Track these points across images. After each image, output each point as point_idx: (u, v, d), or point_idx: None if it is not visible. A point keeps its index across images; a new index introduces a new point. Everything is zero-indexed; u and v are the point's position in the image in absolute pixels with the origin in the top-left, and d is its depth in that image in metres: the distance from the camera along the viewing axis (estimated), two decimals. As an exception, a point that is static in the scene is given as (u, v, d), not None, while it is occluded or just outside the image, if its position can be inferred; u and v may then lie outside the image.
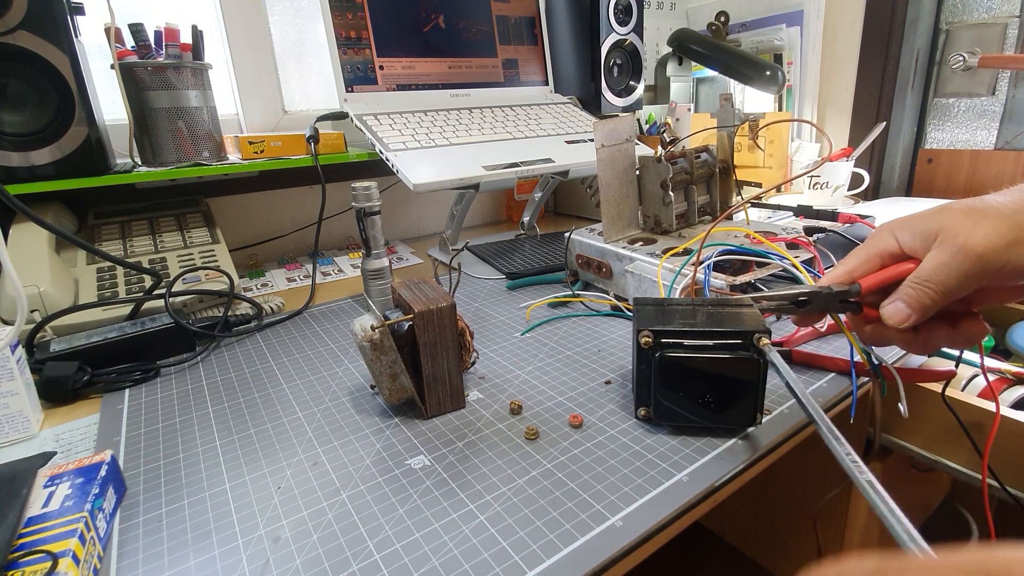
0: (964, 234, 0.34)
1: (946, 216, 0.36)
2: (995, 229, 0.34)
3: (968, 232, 0.34)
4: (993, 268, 0.34)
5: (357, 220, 0.62)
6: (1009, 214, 0.34)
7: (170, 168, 0.74)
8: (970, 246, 0.34)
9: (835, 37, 1.23)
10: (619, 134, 0.66)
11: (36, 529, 0.32)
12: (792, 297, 0.41)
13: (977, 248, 0.34)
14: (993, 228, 0.34)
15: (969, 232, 0.34)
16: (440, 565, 0.31)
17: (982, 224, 0.34)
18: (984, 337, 0.40)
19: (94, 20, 0.71)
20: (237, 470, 0.41)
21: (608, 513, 0.35)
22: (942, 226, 0.36)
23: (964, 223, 0.35)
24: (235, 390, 0.53)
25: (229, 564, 0.32)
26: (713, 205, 0.75)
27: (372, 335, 0.43)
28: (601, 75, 1.02)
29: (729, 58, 1.12)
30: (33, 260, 0.62)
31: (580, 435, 0.43)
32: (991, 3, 1.06)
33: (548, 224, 1.15)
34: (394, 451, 0.42)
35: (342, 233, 1.05)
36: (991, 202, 0.35)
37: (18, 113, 0.63)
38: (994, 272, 0.34)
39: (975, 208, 0.35)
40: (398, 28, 0.86)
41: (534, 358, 0.56)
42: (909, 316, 0.37)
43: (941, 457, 0.53)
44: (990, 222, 0.34)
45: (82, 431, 0.48)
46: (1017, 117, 1.06)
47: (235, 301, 0.69)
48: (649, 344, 0.40)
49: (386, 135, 0.77)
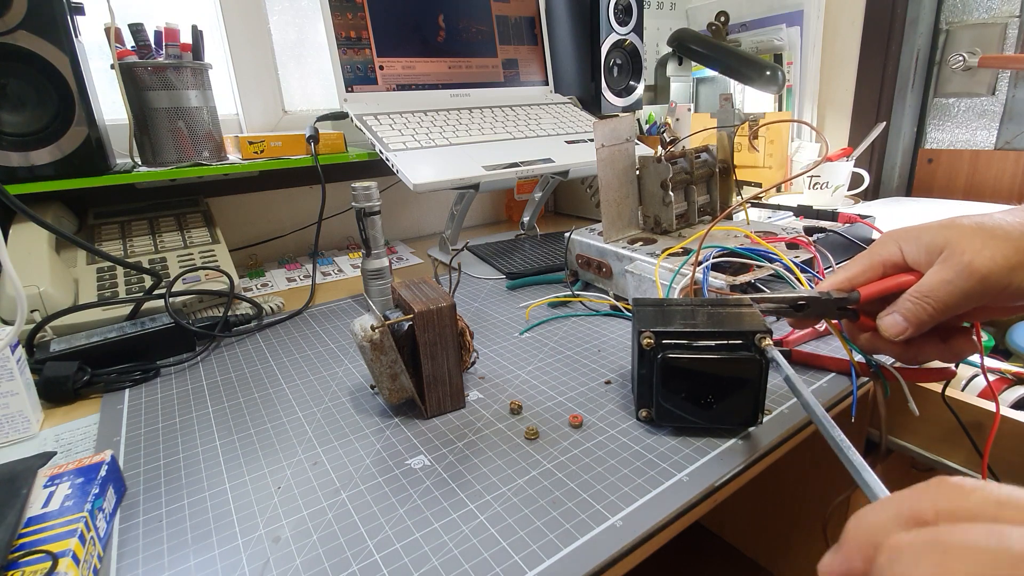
0: (971, 253, 0.34)
1: (954, 232, 0.36)
2: (1002, 251, 0.33)
3: (976, 251, 0.34)
4: (995, 289, 0.34)
5: (357, 220, 0.62)
6: (1018, 236, 0.34)
7: (170, 168, 0.74)
8: (975, 266, 0.34)
9: (835, 37, 1.23)
10: (619, 134, 0.66)
11: (36, 529, 0.32)
12: (791, 301, 0.42)
13: (982, 269, 0.34)
14: (1000, 250, 0.33)
15: (977, 252, 0.34)
16: (440, 565, 0.31)
17: (990, 245, 0.34)
18: (972, 355, 0.40)
19: (94, 20, 0.71)
20: (237, 470, 0.41)
21: (608, 513, 0.35)
22: (949, 241, 0.35)
23: (972, 242, 0.34)
24: (235, 390, 0.53)
25: (229, 564, 0.32)
26: (713, 205, 0.75)
27: (372, 335, 0.43)
28: (601, 75, 1.02)
29: (729, 58, 1.12)
30: (33, 260, 0.62)
31: (580, 435, 0.43)
32: (991, 3, 1.06)
33: (548, 224, 1.15)
34: (394, 451, 0.42)
35: (342, 233, 1.05)
36: (1001, 222, 0.35)
37: (18, 113, 0.63)
38: (995, 293, 0.34)
39: (984, 227, 0.35)
40: (398, 28, 0.86)
41: (534, 358, 0.56)
42: (905, 329, 0.37)
43: (941, 457, 0.53)
44: (998, 243, 0.34)
45: (82, 431, 0.48)
46: (1017, 117, 1.06)
47: (235, 301, 0.69)
48: (651, 345, 0.40)
49: (386, 135, 0.77)
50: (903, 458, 0.57)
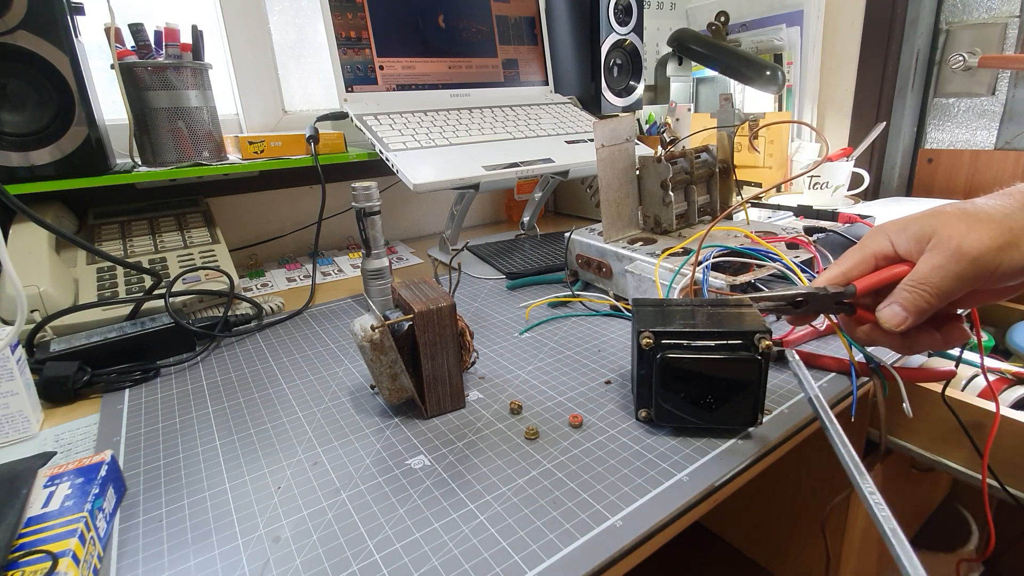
0: (958, 237, 0.35)
1: (939, 219, 0.37)
2: (988, 233, 0.35)
3: (962, 235, 0.35)
4: (986, 271, 0.35)
5: (357, 220, 0.62)
6: (1000, 218, 0.35)
7: (170, 168, 0.74)
8: (964, 249, 0.35)
9: (835, 37, 1.22)
10: (619, 134, 0.66)
11: (36, 529, 0.32)
12: (789, 298, 0.42)
13: (971, 251, 0.35)
14: (986, 232, 0.35)
15: (963, 235, 0.35)
16: (440, 565, 0.31)
17: (976, 228, 0.35)
18: (965, 341, 0.40)
19: (94, 20, 0.71)
20: (237, 470, 0.41)
21: (608, 513, 0.35)
22: (936, 229, 0.36)
23: (958, 226, 0.35)
24: (235, 390, 0.53)
25: (229, 564, 0.32)
26: (713, 205, 0.75)
27: (372, 335, 0.43)
28: (601, 75, 1.02)
29: (729, 58, 1.12)
30: (33, 260, 0.62)
31: (580, 435, 0.43)
32: (991, 3, 1.06)
33: (548, 224, 1.15)
34: (394, 451, 0.42)
35: (342, 233, 1.05)
36: (982, 206, 0.36)
37: (18, 113, 0.63)
38: (987, 275, 0.35)
39: (967, 212, 0.36)
40: (398, 28, 0.86)
41: (534, 358, 0.56)
42: (905, 319, 0.37)
43: (941, 457, 0.53)
44: (983, 226, 0.35)
45: (82, 431, 0.48)
46: (1017, 117, 1.06)
47: (235, 301, 0.69)
48: (650, 345, 0.40)
49: (386, 135, 0.77)
50: (903, 458, 0.57)
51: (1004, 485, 0.48)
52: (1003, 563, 0.81)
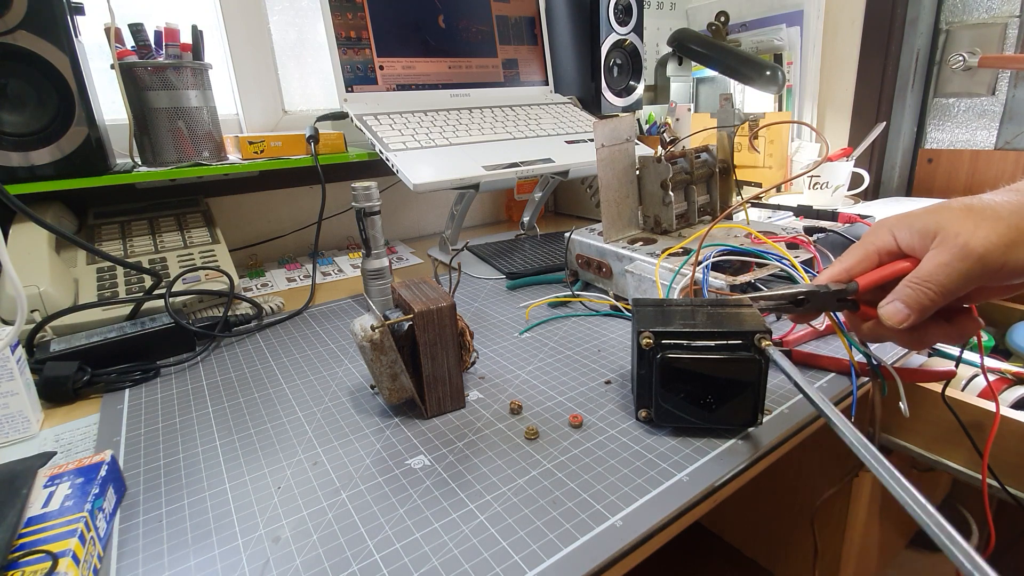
0: (965, 234, 0.34)
1: (944, 215, 0.36)
2: (994, 230, 0.34)
3: (969, 233, 0.34)
4: (992, 269, 0.34)
5: (357, 220, 0.62)
6: (1007, 215, 0.34)
7: (170, 168, 0.74)
8: (971, 247, 0.34)
9: (835, 37, 1.22)
10: (619, 134, 0.66)
11: (36, 529, 0.32)
12: (790, 296, 0.41)
13: (978, 249, 0.34)
14: (993, 229, 0.34)
15: (971, 233, 0.34)
16: (440, 565, 0.31)
17: (982, 226, 0.34)
18: (978, 331, 0.40)
19: (94, 20, 0.71)
20: (237, 470, 0.41)
21: (608, 513, 0.35)
22: (941, 225, 0.36)
23: (964, 223, 0.35)
24: (235, 390, 0.53)
25: (229, 564, 0.32)
26: (713, 205, 0.75)
27: (372, 335, 0.43)
28: (601, 75, 1.02)
29: (729, 58, 1.12)
30: (33, 260, 0.62)
31: (580, 435, 0.43)
32: (991, 3, 1.06)
33: (548, 224, 1.15)
34: (394, 451, 0.42)
35: (342, 233, 1.05)
36: (989, 202, 0.35)
37: (18, 113, 0.63)
38: (993, 272, 0.34)
39: (973, 208, 0.35)
40: (398, 28, 0.86)
41: (534, 358, 0.56)
42: (908, 316, 0.37)
43: (941, 457, 0.53)
44: (990, 223, 0.34)
45: (82, 431, 0.48)
46: (1017, 117, 1.06)
47: (235, 301, 0.69)
48: (650, 345, 0.40)
49: (386, 135, 0.77)
50: (903, 458, 0.57)
51: (1004, 485, 0.48)
52: (1003, 563, 0.81)
